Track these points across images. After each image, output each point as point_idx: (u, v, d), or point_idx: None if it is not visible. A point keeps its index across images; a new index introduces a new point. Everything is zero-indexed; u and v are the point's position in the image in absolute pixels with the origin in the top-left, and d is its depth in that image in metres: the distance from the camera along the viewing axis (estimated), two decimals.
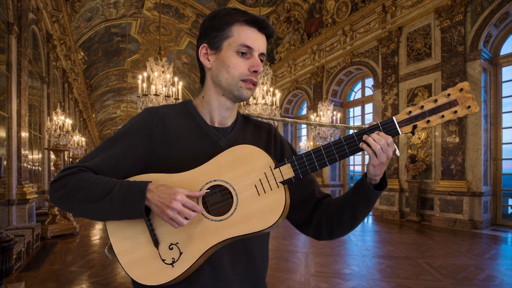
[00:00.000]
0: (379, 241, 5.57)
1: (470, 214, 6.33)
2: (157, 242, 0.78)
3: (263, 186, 0.76)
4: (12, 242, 2.59)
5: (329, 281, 3.41)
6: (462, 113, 0.72)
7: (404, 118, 0.73)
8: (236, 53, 0.80)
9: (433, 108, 0.72)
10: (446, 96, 0.71)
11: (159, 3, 6.95)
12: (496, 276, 3.59)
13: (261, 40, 0.83)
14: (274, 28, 0.87)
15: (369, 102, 9.62)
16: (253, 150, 0.77)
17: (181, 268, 0.77)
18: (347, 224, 0.86)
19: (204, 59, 0.85)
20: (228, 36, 0.80)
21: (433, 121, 0.72)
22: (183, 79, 17.20)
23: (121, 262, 0.80)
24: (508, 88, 6.64)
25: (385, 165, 0.76)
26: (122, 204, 0.73)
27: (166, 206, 0.70)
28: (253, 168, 0.77)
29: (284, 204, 0.75)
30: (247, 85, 0.83)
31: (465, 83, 0.71)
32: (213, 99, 0.88)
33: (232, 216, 0.76)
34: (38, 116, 8.37)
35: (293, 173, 0.76)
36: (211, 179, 0.78)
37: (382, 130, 0.73)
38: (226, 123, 0.91)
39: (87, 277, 3.63)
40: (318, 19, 10.57)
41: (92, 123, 24.27)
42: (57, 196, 0.76)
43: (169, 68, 5.78)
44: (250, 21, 0.81)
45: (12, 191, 5.32)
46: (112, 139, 0.84)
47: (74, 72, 13.40)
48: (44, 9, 8.15)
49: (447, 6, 6.79)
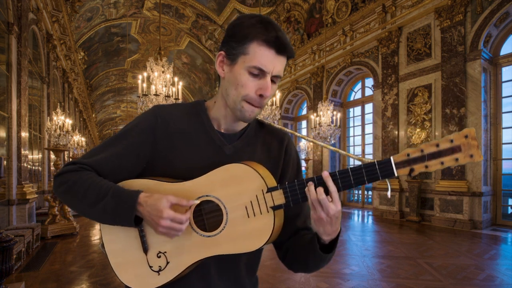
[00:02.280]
0: (379, 241, 5.57)
1: (470, 214, 6.33)
2: (147, 249, 0.81)
3: (253, 209, 0.76)
4: (12, 242, 2.59)
5: (329, 281, 3.41)
6: (463, 161, 0.67)
7: (402, 159, 0.70)
8: (248, 72, 0.77)
9: (434, 153, 0.68)
10: (449, 141, 0.67)
11: (159, 3, 6.95)
12: (496, 276, 3.59)
13: (278, 62, 0.78)
14: (294, 50, 0.82)
15: (369, 102, 9.62)
16: (247, 170, 0.76)
17: (166, 277, 0.79)
18: (302, 265, 0.86)
19: (219, 67, 0.82)
20: (244, 52, 0.76)
21: (431, 166, 0.69)
22: (183, 79, 17.20)
23: (110, 262, 0.82)
24: (508, 88, 6.64)
25: (328, 225, 0.72)
26: (113, 213, 0.74)
27: (156, 224, 0.72)
28: (246, 189, 0.76)
29: (272, 231, 0.75)
30: (250, 107, 0.79)
31: (472, 130, 0.66)
32: (222, 108, 0.86)
33: (220, 234, 0.77)
34: (38, 116, 8.37)
35: (284, 200, 0.75)
36: (204, 193, 0.78)
37: (378, 169, 0.70)
38: (234, 129, 0.89)
39: (87, 277, 3.63)
40: (318, 19, 10.57)
41: (92, 123, 24.27)
42: (59, 191, 0.79)
43: (169, 68, 5.78)
44: (270, 41, 0.75)
45: (12, 191, 5.32)
46: (116, 137, 0.84)
47: (74, 72, 13.40)
48: (44, 9, 8.15)
49: (447, 6, 6.79)
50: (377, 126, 8.63)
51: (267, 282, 3.40)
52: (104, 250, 0.84)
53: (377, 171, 0.71)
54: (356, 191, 10.84)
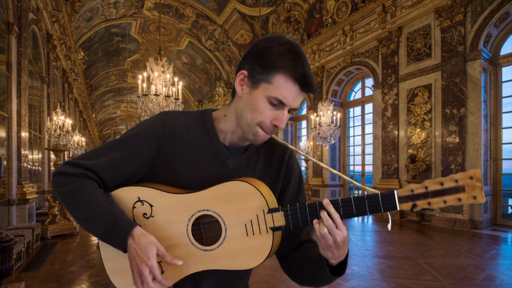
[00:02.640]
0: (379, 241, 5.57)
1: (470, 214, 6.33)
2: None
3: (252, 228, 0.76)
4: (12, 242, 2.59)
5: None
6: (466, 202, 0.67)
7: (405, 194, 0.71)
8: (267, 100, 0.76)
9: (438, 190, 0.69)
10: (454, 181, 0.68)
11: (159, 3, 6.94)
12: (496, 276, 3.59)
13: (298, 97, 0.78)
14: (316, 89, 0.81)
15: (369, 102, 9.62)
16: (249, 189, 0.77)
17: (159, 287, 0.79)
18: (310, 281, 0.87)
19: (239, 85, 0.81)
20: (268, 81, 0.76)
21: (434, 204, 0.70)
22: (183, 79, 17.20)
23: (105, 267, 0.83)
24: (508, 88, 6.64)
25: (336, 250, 0.73)
26: (103, 236, 0.76)
27: (135, 264, 0.72)
28: (246, 207, 0.77)
29: (269, 251, 0.76)
30: (263, 132, 0.80)
31: (477, 171, 0.67)
32: (232, 124, 0.85)
33: (218, 249, 0.78)
34: (38, 116, 8.37)
35: (284, 222, 0.75)
36: (205, 208, 0.79)
37: (380, 201, 0.71)
38: (239, 144, 0.89)
39: (87, 277, 3.63)
40: (318, 19, 10.57)
41: (92, 123, 24.27)
42: (58, 191, 0.79)
43: (169, 68, 5.78)
44: (297, 78, 0.75)
45: (12, 191, 5.32)
46: (121, 141, 0.83)
47: (74, 72, 13.40)
48: (44, 9, 8.15)
49: (447, 6, 6.79)
50: (377, 126, 8.63)
51: (267, 282, 3.40)
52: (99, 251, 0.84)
53: (380, 203, 0.71)
54: (356, 191, 10.84)
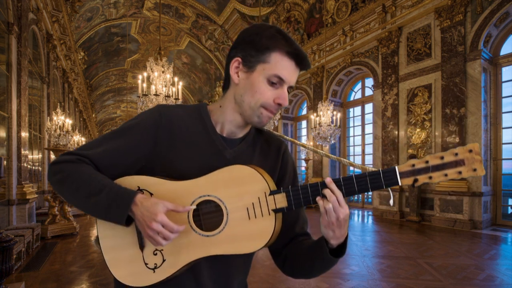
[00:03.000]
0: (379, 241, 5.57)
1: (470, 214, 6.33)
2: (143, 245, 0.80)
3: (254, 211, 0.76)
4: (12, 242, 2.59)
5: (329, 281, 3.41)
6: (466, 175, 0.69)
7: (406, 170, 0.71)
8: (267, 80, 0.79)
9: (438, 165, 0.70)
10: (454, 154, 0.70)
11: (159, 3, 6.95)
12: (496, 276, 3.59)
13: (295, 74, 0.82)
14: (310, 64, 0.85)
15: (369, 102, 9.62)
16: (251, 172, 0.77)
17: (161, 275, 0.78)
18: (305, 271, 0.86)
19: (234, 73, 0.82)
20: (265, 61, 0.78)
21: (435, 178, 0.71)
22: (183, 79, 17.20)
23: (105, 258, 0.81)
24: (508, 88, 6.64)
25: (338, 228, 0.74)
26: (106, 210, 0.74)
27: (146, 226, 0.70)
28: (248, 191, 0.76)
29: (272, 233, 0.75)
30: (268, 113, 0.82)
31: (476, 145, 0.68)
32: (229, 112, 0.86)
33: (220, 234, 0.77)
34: (38, 116, 8.37)
35: (286, 203, 0.76)
36: (205, 193, 0.78)
37: (382, 177, 0.71)
38: (236, 135, 0.89)
39: (87, 277, 3.63)
40: (318, 19, 10.57)
41: (92, 123, 24.27)
42: (54, 179, 0.78)
43: (169, 68, 5.79)
44: (292, 53, 0.78)
45: (12, 191, 5.32)
46: (118, 132, 0.83)
47: (74, 72, 13.40)
48: (44, 9, 8.15)
49: (447, 6, 6.79)
50: (377, 126, 8.63)
51: (267, 282, 3.40)
52: (98, 245, 0.83)
53: (381, 179, 0.72)
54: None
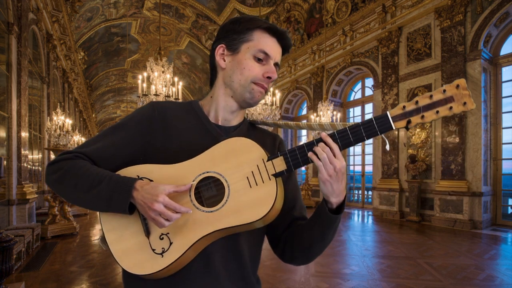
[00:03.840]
0: (379, 241, 5.57)
1: (470, 214, 6.33)
2: (149, 232, 0.79)
3: (255, 178, 0.76)
4: (12, 242, 2.59)
5: (329, 281, 3.41)
6: (457, 110, 0.70)
7: (398, 113, 0.72)
8: (253, 57, 0.82)
9: (428, 104, 0.71)
10: (442, 92, 0.70)
11: (159, 3, 6.95)
12: (496, 276, 3.59)
13: (278, 50, 0.85)
14: (291, 43, 0.87)
15: (369, 102, 9.62)
16: (246, 142, 0.77)
17: (170, 258, 0.77)
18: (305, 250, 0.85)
19: (220, 59, 0.85)
20: (248, 39, 0.82)
21: (427, 117, 0.71)
22: (183, 79, 17.20)
23: (112, 251, 0.80)
24: (508, 88, 6.64)
25: (336, 182, 0.74)
26: (108, 199, 0.74)
27: (148, 208, 0.71)
28: (245, 160, 0.77)
29: (275, 196, 0.75)
30: (259, 88, 0.84)
31: (462, 80, 0.69)
32: (221, 99, 0.88)
33: (223, 208, 0.76)
34: (38, 116, 8.37)
35: (285, 165, 0.76)
36: (204, 170, 0.78)
37: (375, 124, 0.72)
38: (230, 122, 0.91)
39: (87, 277, 3.63)
40: (318, 19, 10.57)
41: (92, 123, 24.27)
42: (51, 179, 0.78)
43: (169, 68, 5.79)
44: (272, 30, 0.82)
45: (12, 191, 5.32)
46: (113, 128, 0.85)
47: (74, 72, 13.40)
48: (44, 9, 8.15)
49: (447, 6, 6.79)
50: None
51: (267, 282, 3.40)
52: (104, 244, 0.82)
53: (375, 126, 0.72)
54: (357, 191, 10.83)
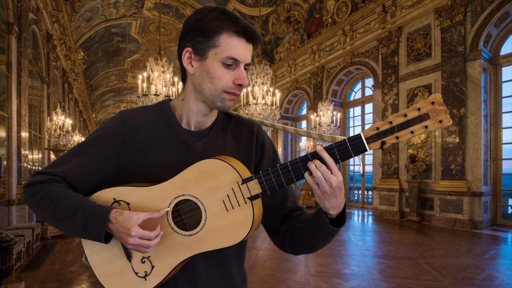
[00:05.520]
0: (379, 241, 5.57)
1: (470, 214, 6.33)
2: (130, 255, 0.80)
3: (231, 202, 0.76)
4: (12, 242, 2.59)
5: (329, 281, 3.41)
6: (433, 127, 0.68)
7: (371, 134, 0.70)
8: (221, 64, 0.77)
9: (403, 123, 0.69)
10: (417, 110, 0.68)
11: (159, 3, 6.95)
12: (496, 276, 3.59)
13: (248, 50, 0.80)
14: (262, 37, 0.83)
15: (369, 102, 9.62)
16: (220, 164, 0.76)
17: (153, 281, 0.78)
18: (307, 245, 0.85)
19: (187, 64, 0.81)
20: (215, 45, 0.77)
21: (402, 137, 0.69)
22: None
23: (96, 275, 0.82)
24: (508, 88, 6.64)
25: (333, 197, 0.72)
26: (83, 230, 0.74)
27: (124, 241, 0.72)
28: (220, 183, 0.76)
29: (252, 221, 0.75)
30: (230, 96, 0.81)
31: (437, 95, 0.67)
32: (192, 104, 0.85)
33: (202, 231, 0.77)
34: (38, 116, 8.37)
35: (260, 189, 0.75)
36: (180, 193, 0.77)
37: (349, 146, 0.70)
38: (203, 126, 0.88)
39: (87, 277, 3.63)
40: (318, 19, 10.57)
41: (92, 123, 24.27)
42: (29, 202, 0.78)
43: (169, 68, 5.79)
44: (240, 31, 0.77)
45: (12, 191, 5.32)
46: (84, 145, 0.83)
47: (74, 72, 13.40)
48: (44, 9, 8.15)
49: (447, 6, 6.78)
50: None
51: (267, 282, 3.40)
52: (88, 263, 0.83)
53: (349, 148, 0.71)
54: (357, 191, 10.83)
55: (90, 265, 0.83)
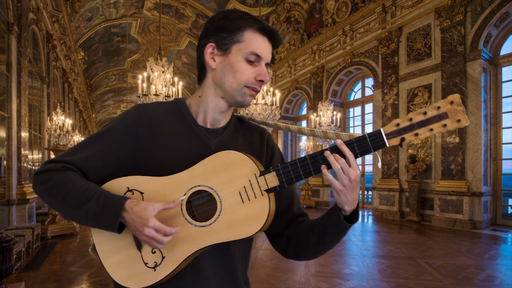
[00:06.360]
0: (379, 241, 5.57)
1: (470, 214, 6.33)
2: (140, 245, 0.78)
3: (247, 194, 0.76)
4: (12, 242, 2.59)
5: (329, 281, 3.41)
6: (451, 127, 0.69)
7: (392, 130, 0.71)
8: (244, 59, 0.80)
9: (422, 121, 0.70)
10: (436, 108, 0.69)
11: (159, 3, 6.95)
12: (496, 276, 3.59)
13: (269, 50, 0.83)
14: (282, 40, 0.85)
15: (369, 102, 9.62)
16: (239, 156, 0.76)
17: (163, 272, 0.77)
18: (313, 248, 0.85)
19: (210, 58, 0.82)
20: (239, 40, 0.79)
21: (421, 134, 0.71)
22: (183, 79, 17.18)
23: (104, 263, 0.80)
24: (508, 88, 6.64)
25: (351, 192, 0.73)
26: (96, 219, 0.73)
27: (139, 232, 0.70)
28: (238, 175, 0.76)
29: (268, 213, 0.75)
30: (251, 91, 0.82)
31: (456, 96, 0.68)
32: (210, 99, 0.86)
33: (216, 223, 0.76)
34: (38, 116, 8.36)
35: (278, 181, 0.75)
36: (196, 184, 0.77)
37: (369, 141, 0.71)
38: (218, 124, 0.89)
39: (87, 277, 3.63)
40: (318, 19, 10.57)
41: (92, 123, 24.26)
42: (39, 190, 0.77)
43: (169, 68, 5.78)
44: (263, 29, 0.80)
45: (12, 191, 5.32)
46: (99, 135, 0.83)
47: (74, 72, 13.40)
48: (44, 9, 8.15)
49: (447, 6, 6.79)
50: (377, 126, 8.63)
51: (267, 282, 3.40)
52: (95, 253, 0.82)
53: (369, 143, 0.71)
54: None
55: (97, 254, 0.81)
